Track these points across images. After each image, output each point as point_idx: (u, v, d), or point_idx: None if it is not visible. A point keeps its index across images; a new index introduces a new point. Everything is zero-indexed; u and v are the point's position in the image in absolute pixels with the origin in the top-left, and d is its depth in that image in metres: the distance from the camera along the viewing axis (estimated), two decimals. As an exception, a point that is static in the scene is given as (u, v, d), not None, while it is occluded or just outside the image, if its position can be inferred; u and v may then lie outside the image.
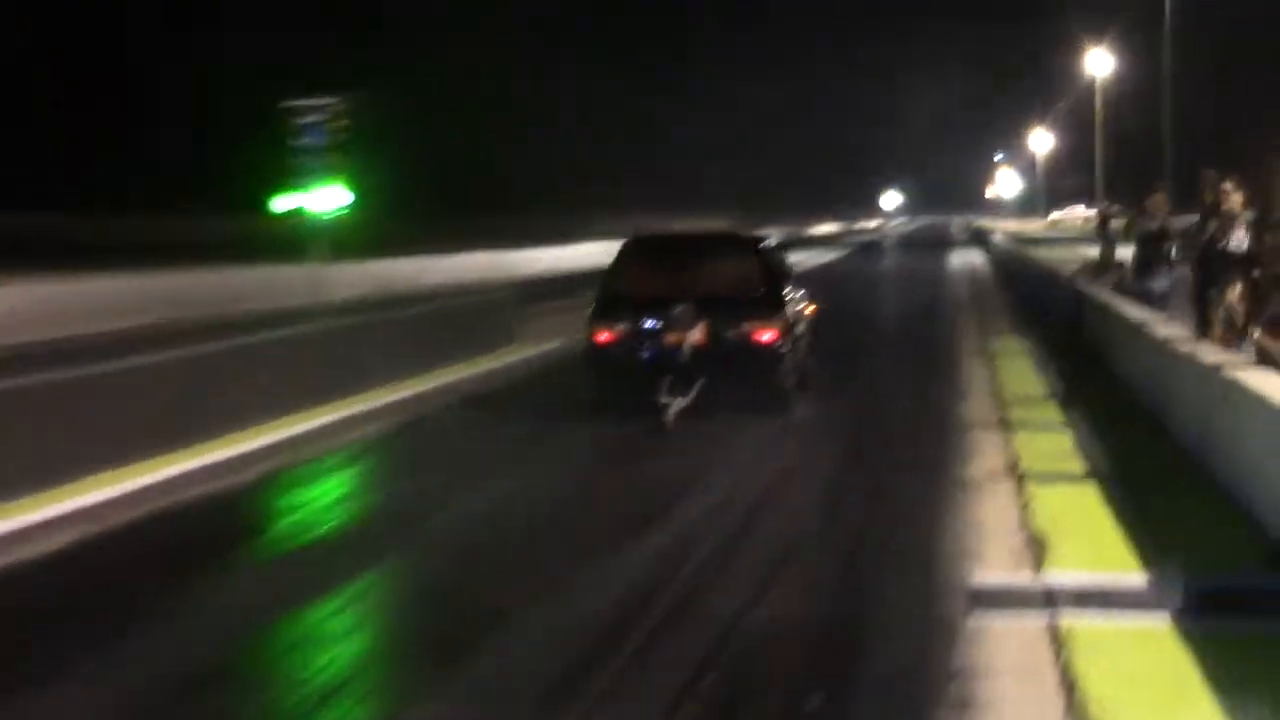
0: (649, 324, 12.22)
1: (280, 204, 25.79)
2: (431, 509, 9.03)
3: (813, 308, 14.80)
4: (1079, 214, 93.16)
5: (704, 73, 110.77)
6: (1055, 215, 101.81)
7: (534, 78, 78.18)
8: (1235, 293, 9.83)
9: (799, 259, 22.96)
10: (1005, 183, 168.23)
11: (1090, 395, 12.55)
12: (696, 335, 12.08)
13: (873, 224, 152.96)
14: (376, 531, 8.50)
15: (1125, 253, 17.50)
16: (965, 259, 47.98)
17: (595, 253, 50.92)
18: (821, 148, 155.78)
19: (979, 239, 67.49)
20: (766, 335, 12.15)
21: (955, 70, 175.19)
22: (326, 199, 23.01)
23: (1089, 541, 7.30)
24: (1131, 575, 6.64)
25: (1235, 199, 10.78)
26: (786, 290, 13.11)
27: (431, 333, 16.25)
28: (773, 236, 15.83)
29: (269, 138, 25.72)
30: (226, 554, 7.92)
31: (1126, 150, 67.95)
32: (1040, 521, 7.77)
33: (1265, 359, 9.06)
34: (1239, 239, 10.50)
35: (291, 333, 14.13)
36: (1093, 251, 35.36)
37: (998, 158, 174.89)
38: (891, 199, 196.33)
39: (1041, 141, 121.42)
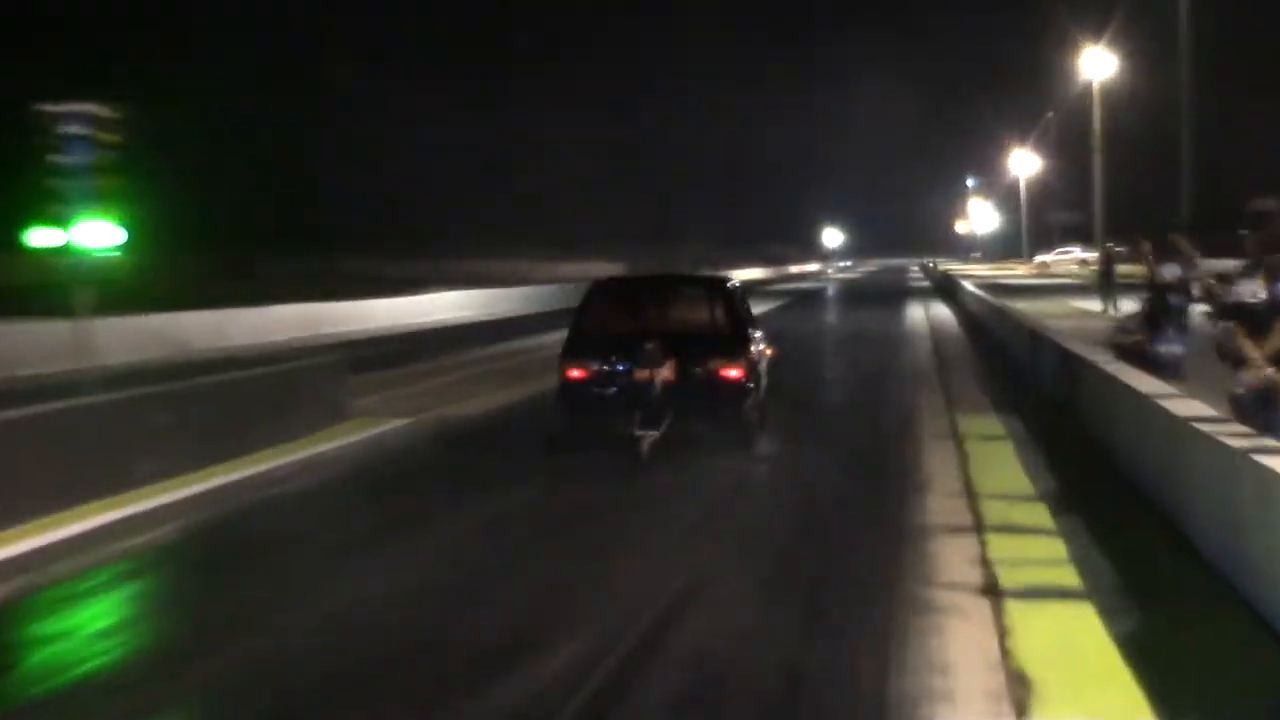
0: (619, 361, 15.85)
1: (38, 238, 25.32)
2: (217, 646, 8.84)
3: (772, 350, 19.04)
4: (1074, 257, 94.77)
5: (581, 77, 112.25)
6: (1043, 258, 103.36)
7: (357, 78, 78.55)
8: (1256, 346, 9.93)
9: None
10: (979, 216, 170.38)
11: (1087, 489, 12.66)
12: (665, 372, 15.67)
13: (811, 268, 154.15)
14: (150, 673, 8.31)
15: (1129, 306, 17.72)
16: (928, 314, 48.44)
17: (447, 305, 51.09)
18: (740, 175, 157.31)
19: (945, 289, 68.20)
20: (733, 372, 15.93)
21: (913, 72, 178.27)
22: (94, 234, 22.62)
23: (1086, 681, 7.31)
24: (1141, 726, 6.66)
25: (1249, 242, 10.88)
26: (751, 330, 17.20)
27: (233, 410, 16.04)
28: (736, 279, 19.67)
29: (23, 153, 25.27)
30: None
31: (1134, 176, 69.12)
32: (1024, 654, 7.77)
33: None
34: (1253, 289, 10.60)
35: (42, 410, 13.83)
36: (1089, 304, 35.77)
37: (970, 183, 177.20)
38: (833, 237, 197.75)
39: (1025, 164, 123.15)
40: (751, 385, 16.17)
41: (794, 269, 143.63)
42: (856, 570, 10.35)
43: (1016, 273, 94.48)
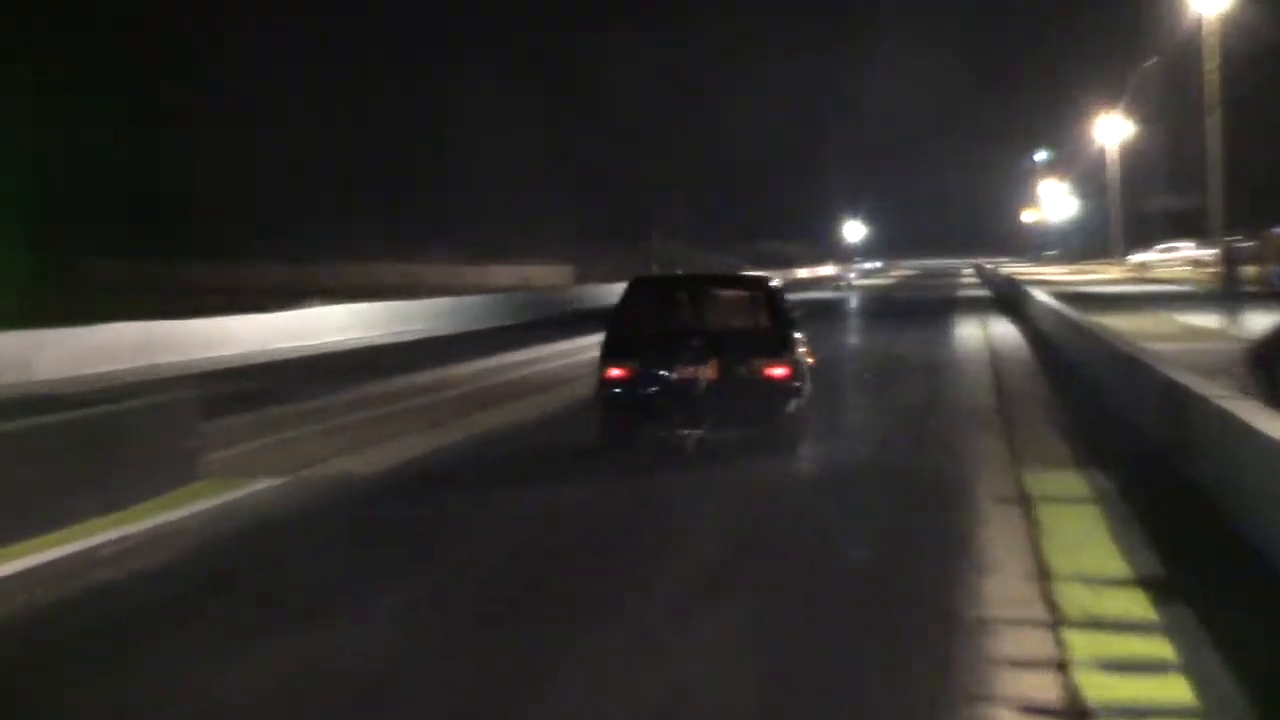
0: (661, 360, 20.06)
1: None
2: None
3: (813, 358, 23.18)
4: (1182, 255, 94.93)
5: (517, 34, 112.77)
6: (1141, 257, 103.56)
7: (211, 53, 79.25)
8: None
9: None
10: (1052, 203, 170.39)
11: (1203, 569, 12.62)
12: (708, 371, 19.80)
13: (825, 271, 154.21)
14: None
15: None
16: (986, 333, 48.42)
17: (335, 324, 50.92)
18: (732, 156, 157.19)
19: (1009, 300, 68.16)
20: (779, 371, 20.12)
21: (960, 12, 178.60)
22: None
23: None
24: None
25: None
26: (794, 330, 21.32)
27: (40, 468, 15.84)
28: (776, 278, 24.15)
29: None
30: None
31: (1263, 143, 68.96)
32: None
33: None
34: None
35: None
36: (1204, 320, 35.77)
37: (1039, 158, 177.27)
38: (855, 231, 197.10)
39: (1114, 131, 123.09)
40: (797, 384, 20.50)
41: (802, 273, 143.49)
42: (893, 679, 10.31)
43: (1105, 277, 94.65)
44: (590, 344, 44.37)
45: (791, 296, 25.64)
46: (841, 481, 19.26)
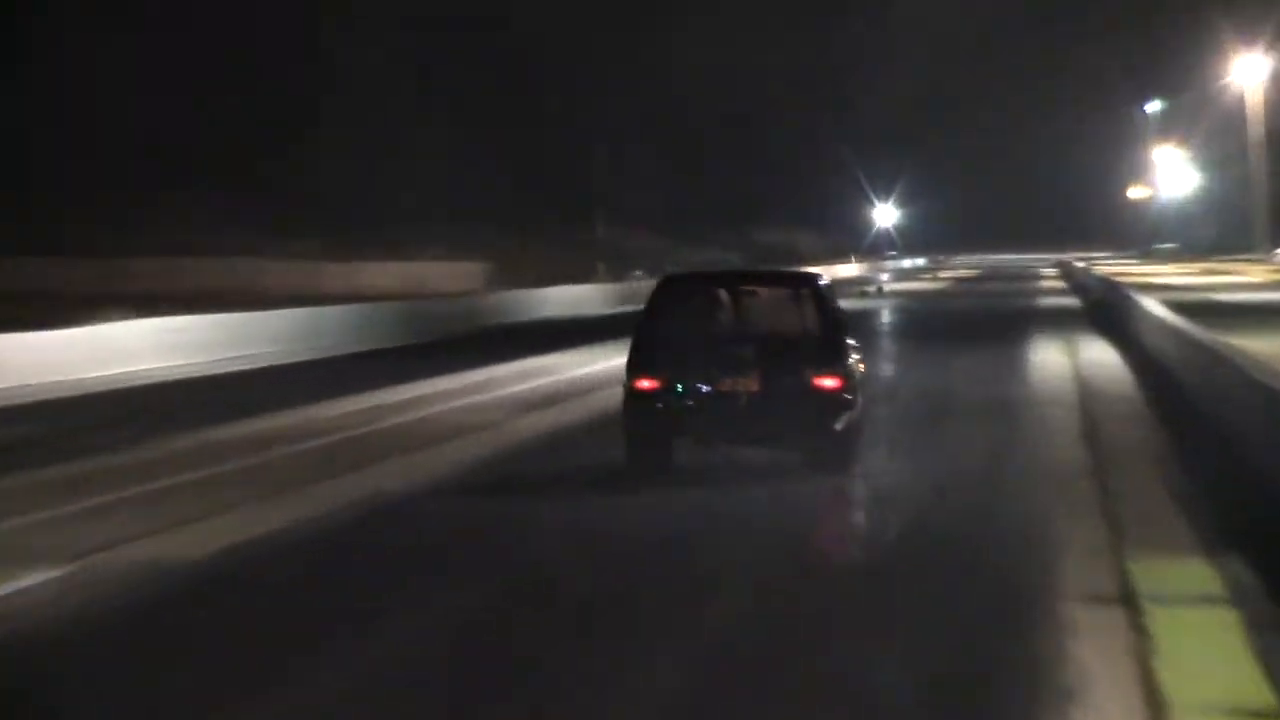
0: (696, 370, 23.66)
1: None
2: None
3: (864, 365, 27.56)
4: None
5: None
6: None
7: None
8: None
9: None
10: (1169, 174, 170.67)
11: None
12: (750, 383, 23.42)
13: (849, 271, 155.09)
14: None
15: None
16: (1074, 361, 48.46)
17: (144, 344, 50.73)
18: (717, 115, 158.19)
19: (1105, 311, 68.23)
20: (829, 382, 23.72)
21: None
22: None
23: None
24: None
25: None
26: (846, 335, 25.27)
27: None
28: (825, 275, 28.75)
29: None
30: None
31: None
32: None
33: None
34: None
35: None
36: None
37: (1150, 109, 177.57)
38: (887, 215, 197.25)
39: (1255, 76, 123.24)
40: (849, 396, 24.26)
41: (815, 274, 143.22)
42: None
43: (1244, 280, 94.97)
44: (509, 375, 44.59)
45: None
46: (875, 570, 19.21)
